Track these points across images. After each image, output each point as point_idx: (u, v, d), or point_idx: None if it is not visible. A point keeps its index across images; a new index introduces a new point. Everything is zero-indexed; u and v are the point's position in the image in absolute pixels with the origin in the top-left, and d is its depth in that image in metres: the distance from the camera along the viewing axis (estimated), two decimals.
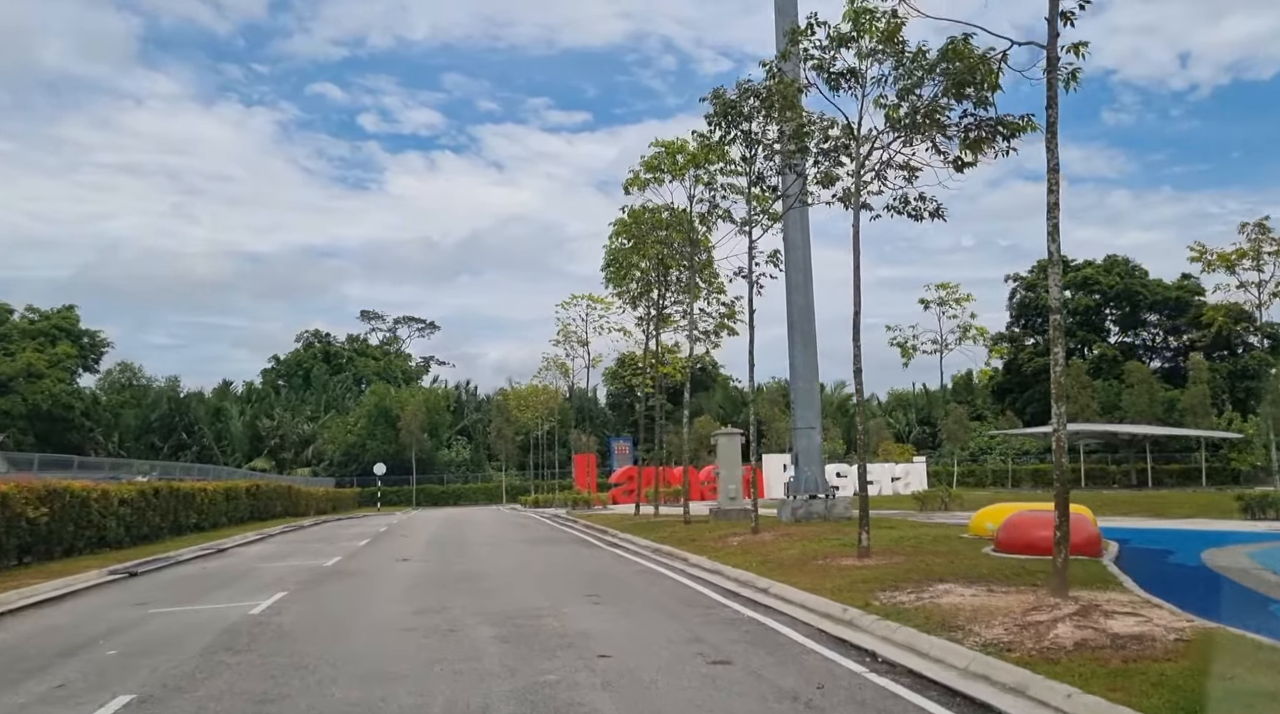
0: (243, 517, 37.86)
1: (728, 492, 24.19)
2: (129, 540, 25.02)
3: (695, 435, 75.47)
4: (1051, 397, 10.57)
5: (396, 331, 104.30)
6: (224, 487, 35.50)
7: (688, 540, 19.50)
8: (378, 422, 79.39)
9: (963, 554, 13.93)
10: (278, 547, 25.73)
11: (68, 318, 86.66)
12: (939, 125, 13.51)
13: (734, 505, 24.16)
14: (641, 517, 30.45)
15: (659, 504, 30.18)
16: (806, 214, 21.94)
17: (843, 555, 14.39)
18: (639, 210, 24.55)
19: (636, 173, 23.42)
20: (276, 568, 18.58)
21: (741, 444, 25.38)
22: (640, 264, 27.48)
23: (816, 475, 21.56)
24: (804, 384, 21.72)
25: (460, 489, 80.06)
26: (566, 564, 17.36)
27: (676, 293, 28.87)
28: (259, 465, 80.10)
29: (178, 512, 29.40)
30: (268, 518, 41.60)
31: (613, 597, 12.37)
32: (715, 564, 15.14)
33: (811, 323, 21.91)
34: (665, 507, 38.93)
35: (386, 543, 25.63)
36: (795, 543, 16.75)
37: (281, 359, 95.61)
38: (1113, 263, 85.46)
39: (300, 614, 11.76)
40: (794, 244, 21.47)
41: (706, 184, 23.58)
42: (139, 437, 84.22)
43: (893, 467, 55.44)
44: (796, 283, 21.47)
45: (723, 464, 24.52)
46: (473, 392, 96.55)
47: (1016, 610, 9.12)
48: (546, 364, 48.78)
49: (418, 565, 18.02)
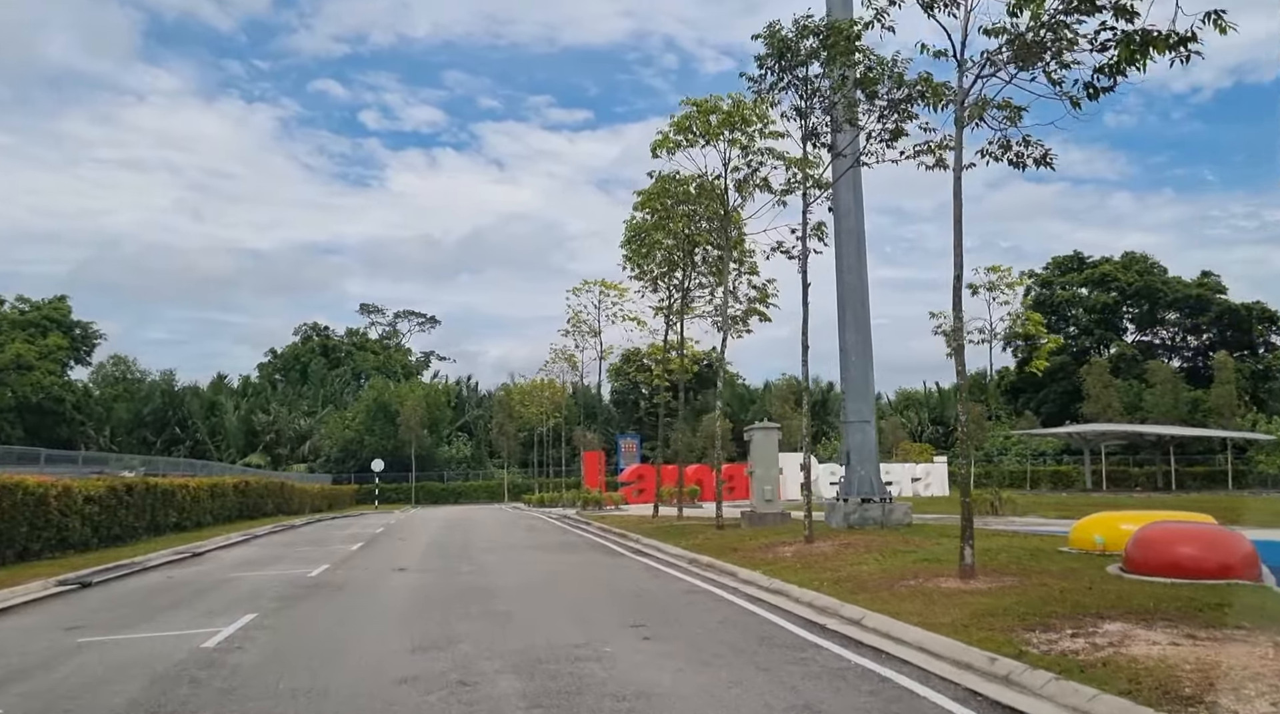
0: (230, 515, 35.19)
1: (763, 493, 21.51)
2: (97, 542, 22.36)
3: (705, 433, 72.90)
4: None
5: (396, 326, 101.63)
6: (209, 483, 32.81)
7: (727, 549, 16.83)
8: (376, 417, 76.70)
9: (1088, 576, 11.25)
10: (261, 550, 23.04)
11: (59, 309, 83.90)
12: (1066, 43, 10.83)
13: (770, 508, 21.48)
14: (662, 519, 27.77)
15: (681, 506, 27.50)
16: (860, 178, 19.27)
17: (936, 574, 11.71)
18: (667, 176, 21.82)
19: (665, 134, 20.73)
20: (253, 579, 15.90)
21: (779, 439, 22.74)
22: (664, 242, 24.80)
23: (871, 476, 18.87)
24: (857, 373, 19.03)
25: (461, 487, 77.37)
26: (592, 578, 14.67)
27: (703, 274, 26.20)
28: (254, 461, 77.45)
29: (155, 510, 26.73)
30: (258, 516, 38.93)
31: (665, 628, 9.69)
32: (775, 582, 12.47)
33: (865, 302, 19.22)
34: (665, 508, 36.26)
35: (382, 547, 22.96)
36: (865, 556, 14.06)
37: (279, 353, 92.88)
38: (1131, 260, 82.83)
39: (265, 652, 9.07)
40: (845, 211, 18.78)
41: (743, 148, 20.92)
42: (131, 431, 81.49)
43: (913, 467, 52.74)
44: (848, 256, 18.80)
45: (757, 462, 21.84)
46: (474, 387, 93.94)
47: (1263, 670, 6.45)
48: (554, 356, 46.00)
49: (416, 577, 15.34)
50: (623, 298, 35.48)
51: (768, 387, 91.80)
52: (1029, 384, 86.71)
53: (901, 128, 15.99)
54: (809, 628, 9.56)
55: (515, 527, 31.37)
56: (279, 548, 23.74)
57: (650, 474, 47.44)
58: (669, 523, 25.43)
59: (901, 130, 16.00)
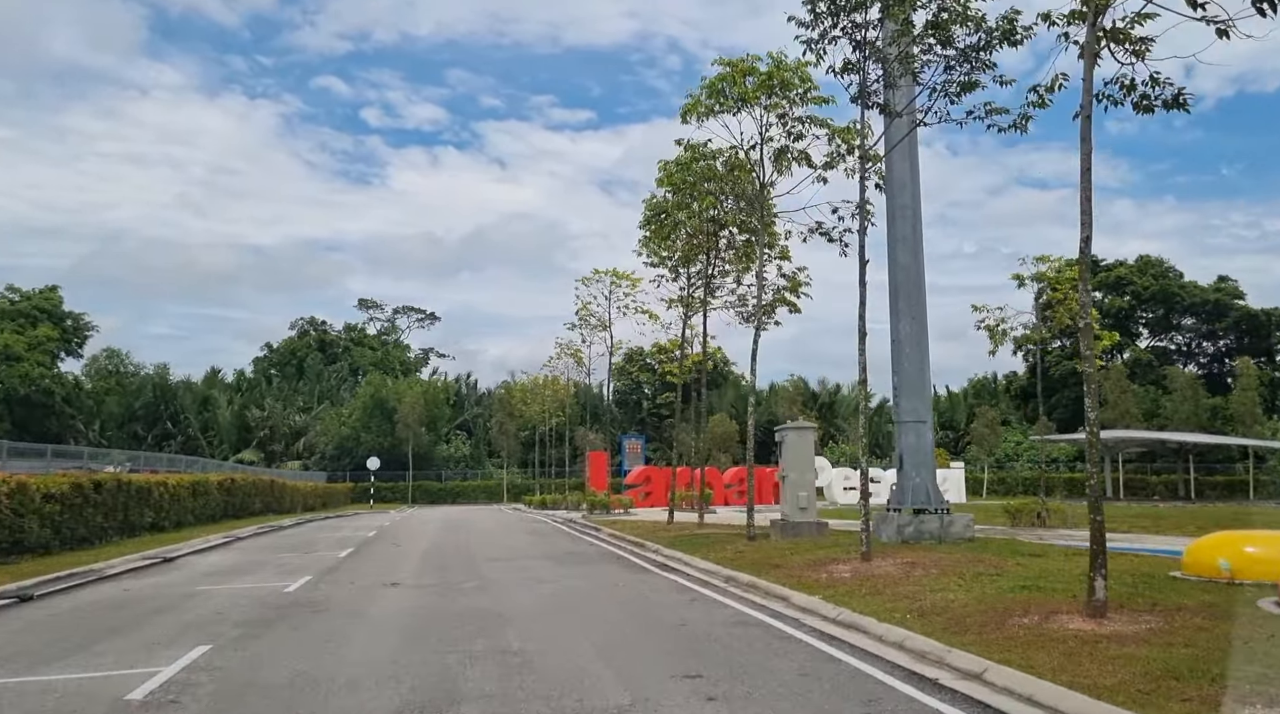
0: (214, 515, 32.90)
1: (797, 500, 19.22)
2: (58, 545, 20.06)
3: (711, 434, 70.64)
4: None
5: (395, 322, 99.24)
6: (191, 480, 30.51)
7: (767, 565, 14.57)
8: (373, 414, 74.37)
9: (1245, 615, 8.99)
10: (240, 556, 20.75)
11: (50, 299, 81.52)
12: None
13: (804, 517, 19.21)
14: (679, 526, 25.50)
15: (702, 512, 25.24)
16: (916, 146, 17.03)
17: (1050, 609, 9.45)
18: (696, 145, 19.52)
19: (697, 97, 18.42)
20: (221, 594, 13.62)
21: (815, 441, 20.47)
22: (689, 222, 22.53)
23: (927, 484, 16.61)
24: (912, 367, 16.76)
25: (459, 486, 75.05)
26: (619, 601, 12.38)
27: (726, 261, 23.92)
28: (247, 457, 75.10)
29: (129, 509, 24.46)
30: (244, 516, 36.65)
31: (730, 682, 7.42)
32: (842, 612, 10.21)
33: (921, 287, 16.95)
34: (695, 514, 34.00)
35: (374, 554, 20.67)
36: (942, 580, 11.79)
37: (275, 347, 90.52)
38: (1146, 263, 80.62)
39: (204, 711, 6.81)
40: (899, 184, 16.54)
41: (780, 117, 18.67)
42: (122, 425, 79.16)
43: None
44: (902, 235, 16.56)
45: (790, 465, 19.57)
46: (473, 385, 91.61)
47: None
48: (560, 350, 43.60)
49: (410, 595, 13.06)
50: (635, 288, 33.20)
51: (773, 388, 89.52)
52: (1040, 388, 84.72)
53: (974, 80, 13.80)
54: (920, 684, 7.29)
55: (518, 531, 29.10)
56: (261, 553, 21.46)
57: (658, 476, 45.23)
58: (688, 530, 23.15)
59: (974, 83, 13.81)
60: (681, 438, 72.00)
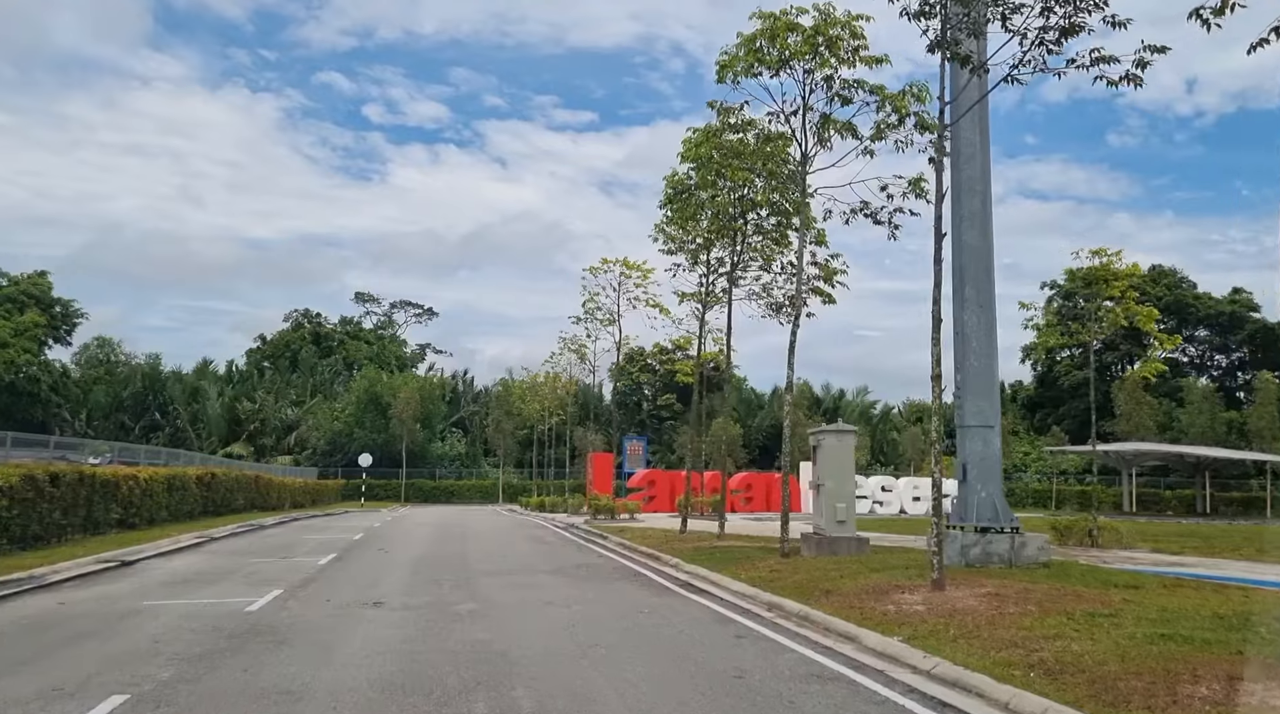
0: (191, 511, 30.62)
1: (835, 512, 16.98)
2: (7, 544, 17.82)
3: (713, 438, 68.42)
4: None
5: (392, 316, 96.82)
6: (165, 474, 28.20)
7: (814, 591, 12.34)
8: (367, 409, 72.03)
9: None
10: (209, 560, 18.46)
11: (38, 284, 79.05)
12: None
13: (843, 531, 16.97)
14: (693, 535, 23.23)
15: (722, 521, 22.97)
16: (987, 109, 14.81)
17: (1226, 669, 7.22)
18: (729, 108, 17.20)
19: (734, 54, 16.15)
20: (170, 612, 11.36)
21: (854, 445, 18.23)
22: (714, 202, 20.27)
23: (995, 498, 14.37)
24: (980, 363, 14.55)
25: (453, 485, 72.71)
26: (651, 639, 10.09)
27: (754, 247, 21.67)
28: (236, 451, 72.68)
29: (92, 505, 22.17)
30: (225, 513, 34.35)
31: None
32: (939, 665, 7.97)
33: (990, 272, 14.73)
34: (704, 520, 31.74)
35: (358, 562, 18.40)
36: (1048, 621, 9.55)
37: (268, 339, 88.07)
38: (1159, 273, 78.55)
39: None
40: (968, 154, 14.34)
41: (826, 79, 16.44)
42: (108, 415, 76.67)
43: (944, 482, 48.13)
44: (969, 211, 14.34)
45: (827, 472, 17.33)
46: (470, 382, 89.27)
47: None
48: (563, 345, 41.24)
49: (394, 622, 10.80)
50: (645, 280, 30.95)
51: (776, 392, 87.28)
52: (1047, 399, 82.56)
53: (1078, 23, 11.61)
54: None
55: (518, 537, 26.83)
56: (232, 557, 19.18)
57: (662, 479, 43.03)
58: (707, 542, 20.89)
59: (1078, 26, 11.62)
60: (683, 441, 69.87)
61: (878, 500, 45.61)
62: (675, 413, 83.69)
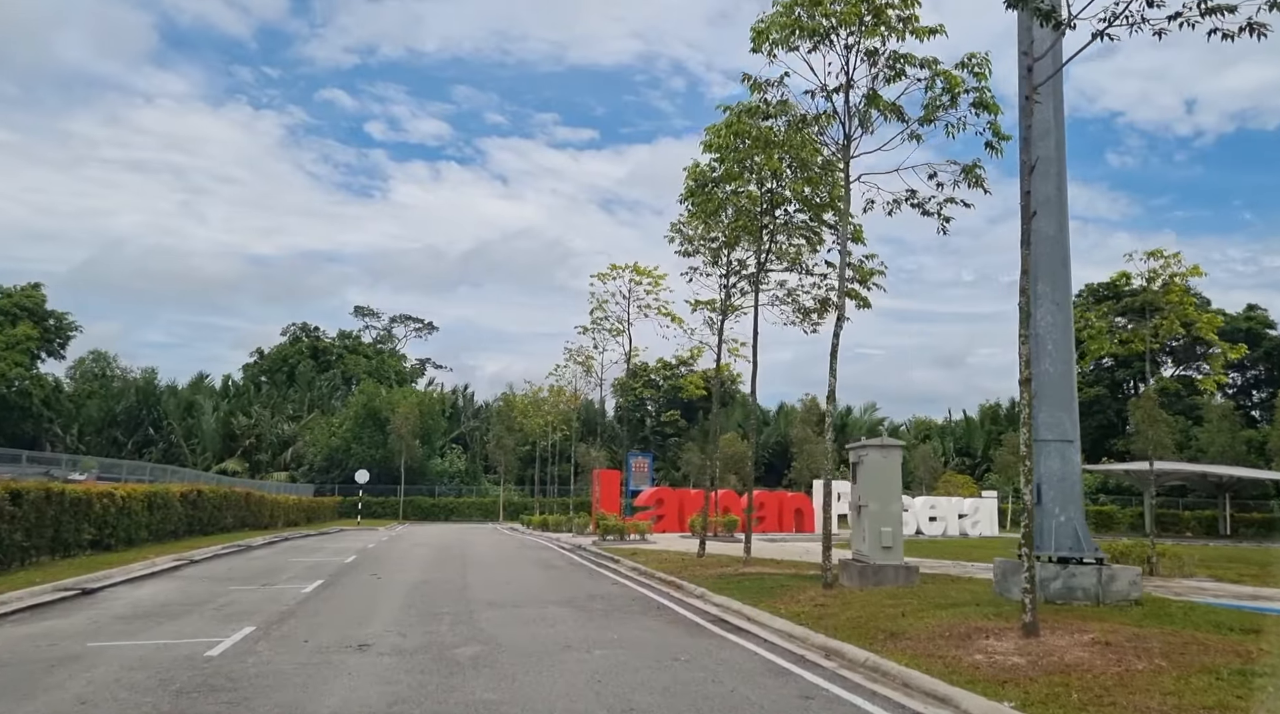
0: (175, 531, 28.69)
1: (880, 537, 15.07)
2: None
3: (723, 455, 66.42)
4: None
5: (392, 330, 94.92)
6: (145, 492, 26.26)
7: (876, 631, 10.43)
8: (365, 424, 70.08)
9: None
10: (180, 588, 16.53)
11: (31, 297, 77.15)
12: None
13: (889, 559, 15.05)
14: (714, 559, 21.30)
15: (749, 543, 21.01)
16: (1062, 85, 13.02)
17: None
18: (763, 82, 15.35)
19: (770, 20, 14.30)
20: (112, 658, 9.43)
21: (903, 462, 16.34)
22: (738, 198, 18.49)
23: (1076, 523, 12.40)
24: (1056, 367, 12.65)
25: (453, 503, 70.68)
26: (702, 704, 8.16)
27: (781, 246, 19.86)
28: (230, 467, 70.75)
29: (60, 524, 20.23)
30: (213, 532, 32.42)
31: None
32: None
33: (1066, 263, 12.86)
34: (719, 542, 29.85)
35: (347, 590, 16.46)
36: (1196, 683, 7.64)
37: (265, 353, 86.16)
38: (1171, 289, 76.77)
39: None
40: (1040, 131, 12.48)
41: (870, 54, 14.66)
42: (100, 430, 74.74)
43: (960, 502, 46.26)
44: (1044, 196, 12.48)
45: (870, 492, 15.42)
46: (470, 397, 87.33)
47: None
48: (570, 356, 39.27)
49: (384, 672, 8.89)
50: (657, 287, 29.12)
51: (782, 408, 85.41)
52: None
53: None
54: None
55: (523, 560, 24.88)
56: (208, 584, 17.26)
57: (670, 498, 41.10)
58: (732, 568, 18.96)
59: None
60: (689, 457, 67.89)
61: None
62: (680, 429, 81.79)
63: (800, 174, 17.97)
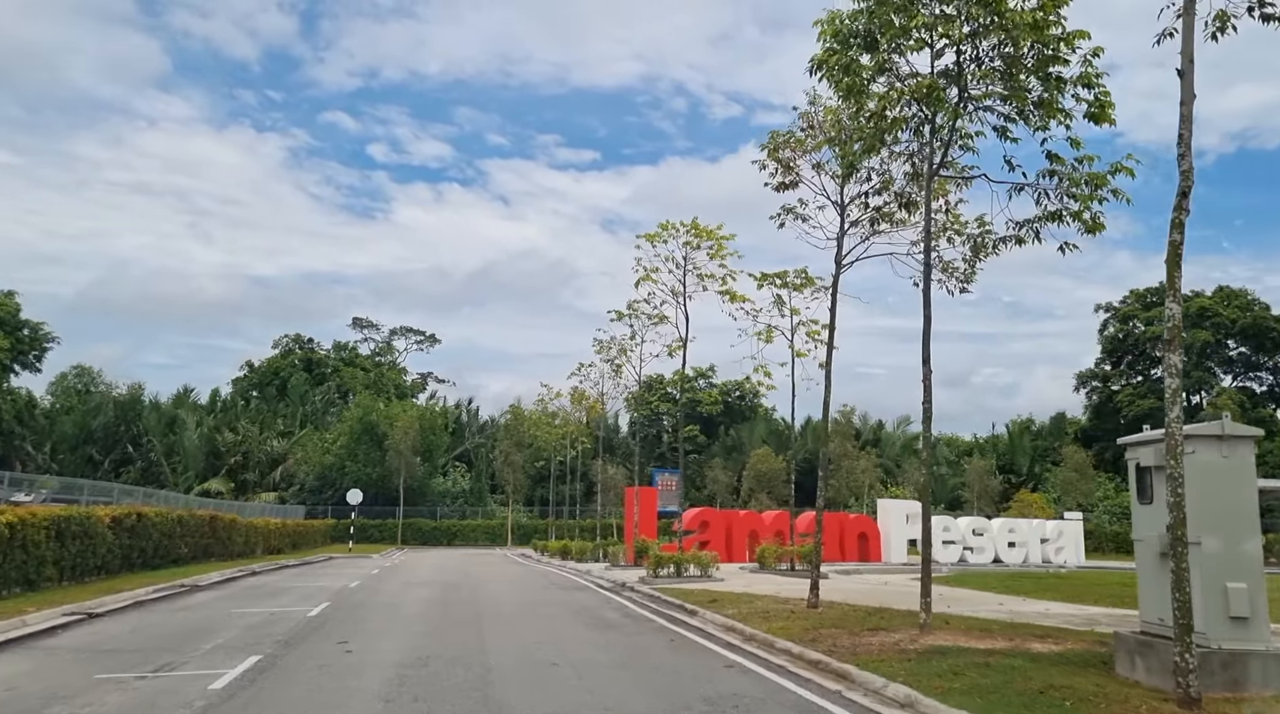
0: (104, 566, 21.84)
1: (1228, 600, 8.30)
2: None
3: (753, 471, 59.50)
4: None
5: (391, 342, 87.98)
6: (48, 516, 19.31)
7: None
8: (361, 440, 63.09)
9: None
10: (38, 666, 9.63)
11: (4, 306, 70.26)
12: None
13: (1248, 641, 8.24)
14: (836, 611, 14.37)
15: (928, 596, 14.00)
16: None
17: None
18: None
19: None
20: None
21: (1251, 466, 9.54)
22: (905, 44, 11.78)
23: None
24: None
25: (456, 526, 63.55)
26: None
27: (966, 137, 13.02)
28: (214, 487, 63.68)
29: None
30: (161, 566, 25.56)
31: None
32: None
33: None
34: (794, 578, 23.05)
35: (288, 685, 9.57)
36: None
37: (255, 366, 79.23)
38: (1229, 294, 70.26)
39: None
40: None
41: None
42: (75, 448, 67.65)
43: (1042, 525, 39.25)
44: None
45: (1202, 517, 8.57)
46: (474, 412, 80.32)
47: None
48: (600, 349, 32.05)
49: None
50: (721, 251, 22.37)
51: (809, 423, 78.40)
52: (1103, 431, 73.53)
53: None
54: None
55: (558, 608, 17.93)
56: (82, 660, 10.42)
57: (717, 520, 34.10)
58: (896, 631, 12.05)
59: None
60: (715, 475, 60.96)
61: (968, 546, 36.65)
62: (699, 446, 74.85)
63: (999, 21, 11.25)
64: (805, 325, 24.03)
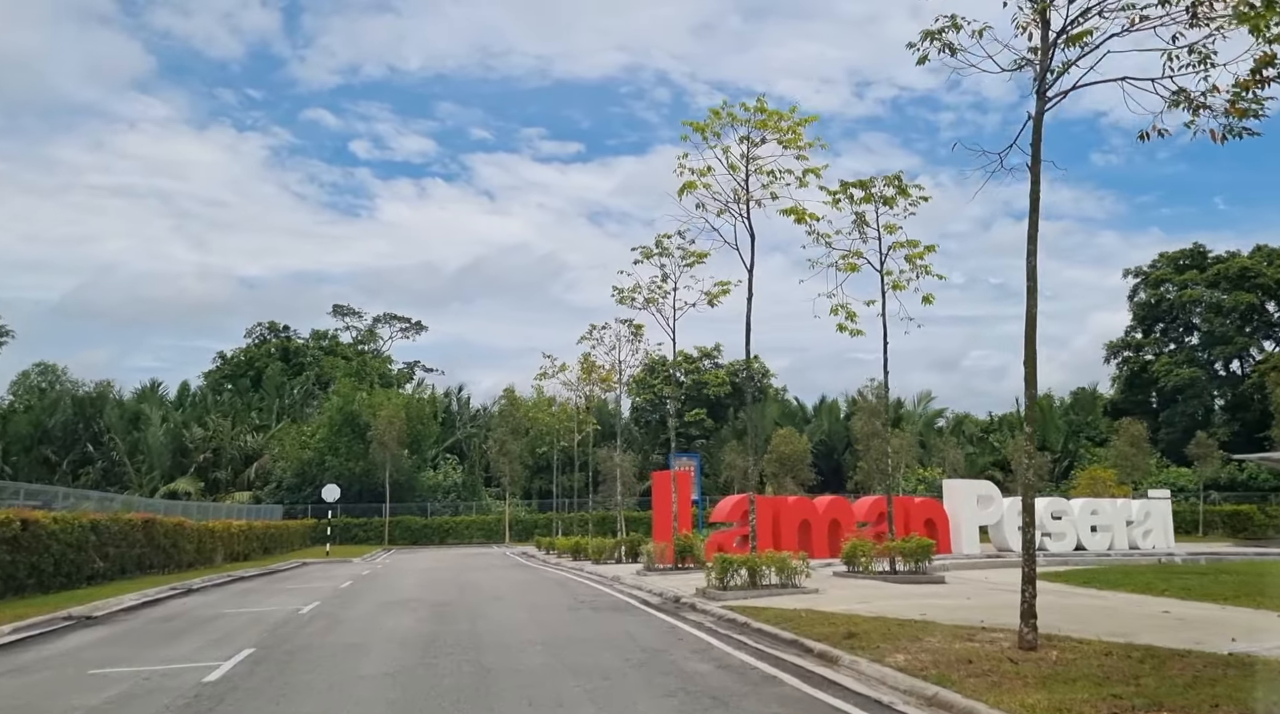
0: None
1: None
2: None
3: (776, 453, 53.59)
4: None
5: (375, 330, 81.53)
6: None
7: None
8: (342, 432, 56.84)
9: None
10: None
11: None
12: None
13: None
14: (1076, 651, 8.33)
15: (1025, 596, 8.01)
16: None
17: None
18: None
19: None
20: None
21: None
22: None
23: None
24: None
25: (448, 523, 57.38)
26: None
27: None
28: (182, 488, 57.29)
29: None
30: (69, 586, 19.48)
31: None
32: None
33: None
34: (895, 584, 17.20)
35: None
36: None
37: (228, 357, 72.72)
38: (1271, 253, 64.76)
39: None
40: None
41: None
42: (29, 449, 61.11)
43: (1127, 505, 33.43)
44: None
45: None
46: (466, 401, 74.05)
47: None
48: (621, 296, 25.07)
49: None
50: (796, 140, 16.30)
51: (824, 402, 72.48)
52: (1135, 405, 67.93)
53: None
54: None
55: (596, 640, 11.86)
56: None
57: (763, 509, 27.92)
58: (1182, 682, 6.10)
59: None
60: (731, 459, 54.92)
61: (1046, 532, 30.75)
62: (707, 430, 68.93)
63: None
64: (903, 247, 18.04)
